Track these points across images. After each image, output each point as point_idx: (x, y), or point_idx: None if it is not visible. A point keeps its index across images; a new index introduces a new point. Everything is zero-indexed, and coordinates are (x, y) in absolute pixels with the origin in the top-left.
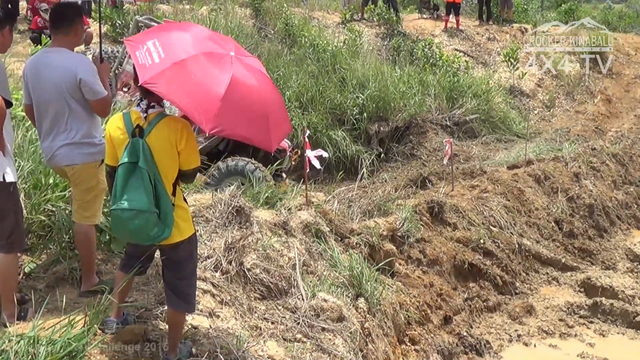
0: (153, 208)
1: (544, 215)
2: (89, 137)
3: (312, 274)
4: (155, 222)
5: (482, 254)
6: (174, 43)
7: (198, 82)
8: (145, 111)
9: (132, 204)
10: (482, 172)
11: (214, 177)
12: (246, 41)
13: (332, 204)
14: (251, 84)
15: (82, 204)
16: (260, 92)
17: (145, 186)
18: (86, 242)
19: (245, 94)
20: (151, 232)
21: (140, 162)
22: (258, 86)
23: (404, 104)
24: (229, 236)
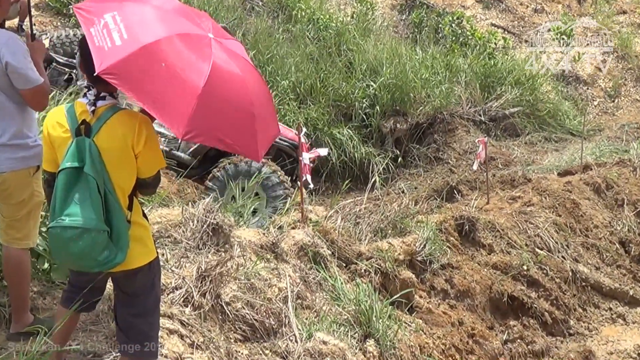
0: (103, 225)
1: (605, 235)
2: (20, 137)
3: (308, 308)
4: (106, 244)
5: (526, 283)
6: (140, 19)
7: (170, 73)
8: (94, 103)
9: (75, 221)
10: (526, 180)
11: (218, 181)
12: (227, 16)
13: (334, 221)
14: (234, 74)
15: (12, 222)
16: (245, 85)
17: (92, 198)
18: (18, 271)
19: (227, 88)
20: (100, 257)
21: (86, 167)
22: (242, 77)
23: (427, 94)
24: (203, 261)
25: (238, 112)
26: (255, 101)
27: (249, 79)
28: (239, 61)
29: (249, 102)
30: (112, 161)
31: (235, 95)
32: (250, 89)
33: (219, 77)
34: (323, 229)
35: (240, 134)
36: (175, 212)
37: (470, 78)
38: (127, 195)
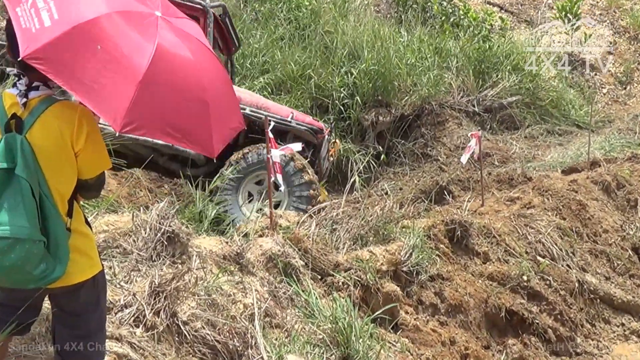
0: (38, 235)
1: (616, 240)
2: None
3: (278, 327)
4: (42, 256)
5: (527, 296)
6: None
7: (107, 56)
8: (25, 94)
9: (5, 230)
10: (526, 179)
11: (228, 179)
12: None
13: (308, 227)
14: (184, 57)
15: None
16: (197, 69)
17: (25, 203)
18: None
19: (175, 73)
20: (35, 271)
21: (17, 168)
22: (194, 61)
23: (413, 82)
24: (157, 275)
25: (188, 100)
26: (210, 88)
27: (202, 63)
28: (191, 43)
29: (201, 89)
30: (48, 161)
31: (184, 81)
32: (204, 74)
33: (164, 61)
34: (295, 236)
35: (191, 125)
36: (125, 219)
37: (463, 63)
38: (67, 199)
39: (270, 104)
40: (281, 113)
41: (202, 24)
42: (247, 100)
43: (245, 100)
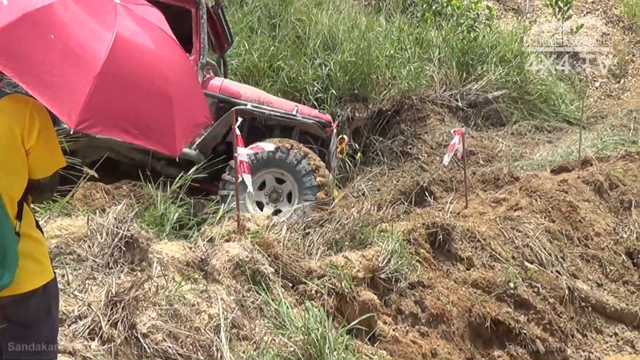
0: None
1: (609, 245)
2: None
3: (245, 339)
4: None
5: (513, 305)
6: None
7: (61, 47)
8: None
9: None
10: (513, 179)
11: (232, 184)
12: None
13: (278, 232)
14: (146, 47)
15: None
16: (159, 60)
17: None
18: None
19: (135, 65)
20: None
21: None
22: (156, 51)
23: (392, 75)
24: (114, 283)
25: (149, 94)
26: (173, 81)
27: (165, 54)
28: (153, 32)
29: (164, 82)
30: None
31: (145, 74)
32: (167, 66)
33: (124, 52)
34: (264, 241)
35: (152, 122)
36: (80, 223)
37: (445, 55)
38: (16, 201)
39: (273, 99)
40: (285, 107)
41: (195, 17)
42: (248, 95)
43: (246, 95)
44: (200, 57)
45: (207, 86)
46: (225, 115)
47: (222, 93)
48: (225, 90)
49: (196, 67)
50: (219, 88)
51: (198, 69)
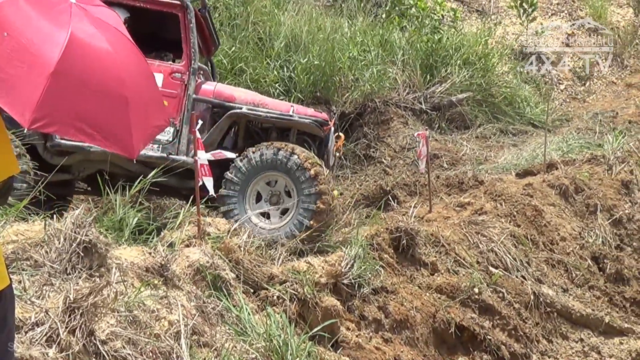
0: None
1: (574, 249)
2: None
3: (206, 346)
4: None
5: (478, 310)
6: None
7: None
8: None
9: None
10: (477, 183)
11: (239, 173)
12: None
13: (240, 237)
14: (101, 48)
15: None
16: (115, 61)
17: None
18: None
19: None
20: None
21: None
22: (112, 52)
23: (355, 77)
24: (72, 289)
25: (105, 95)
26: (130, 82)
27: (122, 56)
28: (109, 33)
29: (120, 83)
30: None
31: (101, 74)
32: (124, 67)
33: (79, 51)
34: (225, 246)
35: (108, 122)
36: (36, 228)
37: (410, 57)
38: None
39: (267, 100)
40: (280, 108)
41: (183, 22)
42: (242, 98)
43: (241, 98)
44: (191, 62)
45: (199, 91)
46: (221, 120)
47: (215, 98)
48: (219, 95)
49: (187, 73)
50: (212, 93)
51: (190, 74)
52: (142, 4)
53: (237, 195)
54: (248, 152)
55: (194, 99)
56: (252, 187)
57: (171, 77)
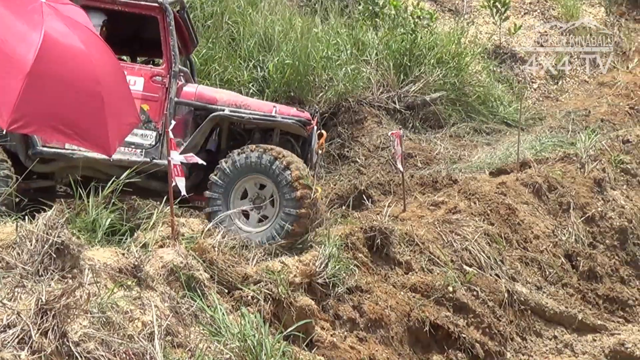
0: None
1: (548, 247)
2: None
3: (180, 347)
4: None
5: (452, 309)
6: None
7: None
8: None
9: None
10: (451, 182)
11: (224, 176)
12: None
13: (214, 237)
14: (75, 47)
15: None
16: (89, 60)
17: None
18: None
19: (65, 65)
20: None
21: None
22: (85, 51)
23: (329, 77)
24: (44, 291)
25: (81, 94)
26: (104, 81)
27: (94, 53)
28: (81, 32)
29: (94, 82)
30: None
31: (76, 73)
32: (97, 65)
33: (54, 51)
34: (199, 247)
35: (85, 121)
36: (8, 230)
37: (384, 57)
38: None
39: (250, 101)
40: (263, 109)
41: (162, 25)
42: (224, 100)
43: (223, 100)
44: (171, 65)
45: (180, 94)
46: (204, 123)
47: (197, 100)
48: (201, 97)
49: (168, 76)
50: (194, 95)
51: (170, 77)
52: (120, 7)
53: (221, 198)
54: (233, 155)
55: (176, 102)
56: (237, 188)
57: (152, 80)
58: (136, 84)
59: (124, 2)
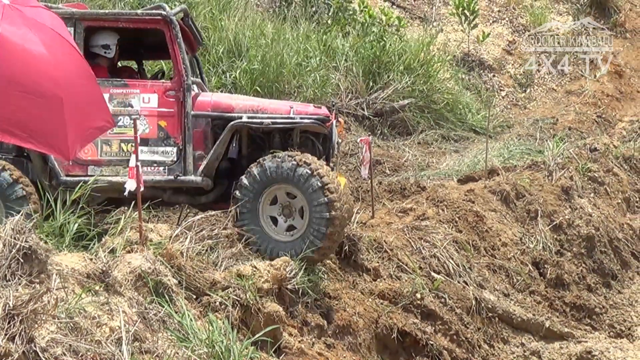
0: None
1: (515, 254)
2: None
3: (148, 353)
4: None
5: (420, 315)
6: None
7: None
8: None
9: None
10: (419, 189)
11: (246, 190)
12: None
13: (182, 242)
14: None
15: None
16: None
17: None
18: None
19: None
20: None
21: None
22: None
23: (299, 83)
24: (11, 296)
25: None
26: (65, 83)
27: (57, 56)
28: (44, 34)
29: (53, 84)
30: None
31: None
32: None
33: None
34: (167, 252)
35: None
36: None
37: (352, 63)
38: None
39: (265, 104)
40: (280, 111)
41: (169, 37)
42: (241, 107)
43: (239, 107)
44: (183, 79)
45: (196, 105)
46: (224, 134)
47: (213, 110)
48: (217, 107)
49: (180, 90)
50: (209, 105)
51: (184, 91)
52: (125, 24)
53: (250, 201)
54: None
55: (193, 115)
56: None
57: (166, 95)
58: (150, 101)
59: (128, 19)
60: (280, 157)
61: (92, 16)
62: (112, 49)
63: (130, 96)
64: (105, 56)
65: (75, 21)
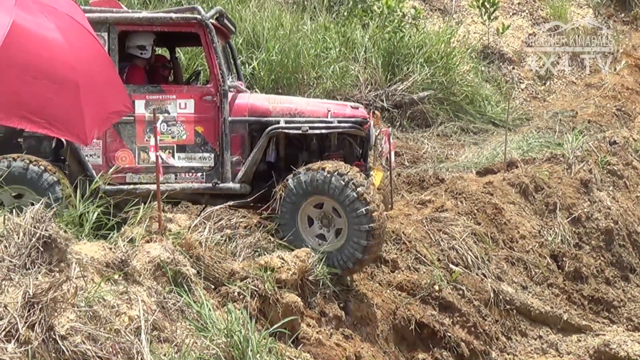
0: None
1: (534, 247)
2: None
3: (167, 342)
4: None
5: (438, 307)
6: None
7: None
8: None
9: None
10: (438, 181)
11: (286, 203)
12: None
13: (201, 232)
14: (48, 36)
15: None
16: (64, 48)
17: None
18: None
19: (35, 52)
20: None
21: None
22: (61, 39)
23: (318, 74)
24: (31, 284)
25: (53, 83)
26: (81, 68)
27: (73, 43)
28: (60, 20)
29: (70, 70)
30: None
31: (47, 61)
32: (73, 53)
33: (22, 39)
34: (186, 242)
35: (58, 110)
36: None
37: (371, 55)
38: None
39: (303, 107)
40: (317, 113)
41: (204, 40)
42: (277, 110)
43: (276, 110)
44: (220, 84)
45: (232, 110)
46: (261, 140)
47: (250, 115)
48: (254, 111)
49: (218, 95)
50: (246, 109)
51: (221, 97)
52: (160, 28)
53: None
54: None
55: (230, 121)
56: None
57: (202, 100)
58: (187, 106)
59: (163, 23)
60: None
61: (126, 21)
62: (148, 49)
63: (167, 102)
64: (142, 57)
65: (110, 26)
